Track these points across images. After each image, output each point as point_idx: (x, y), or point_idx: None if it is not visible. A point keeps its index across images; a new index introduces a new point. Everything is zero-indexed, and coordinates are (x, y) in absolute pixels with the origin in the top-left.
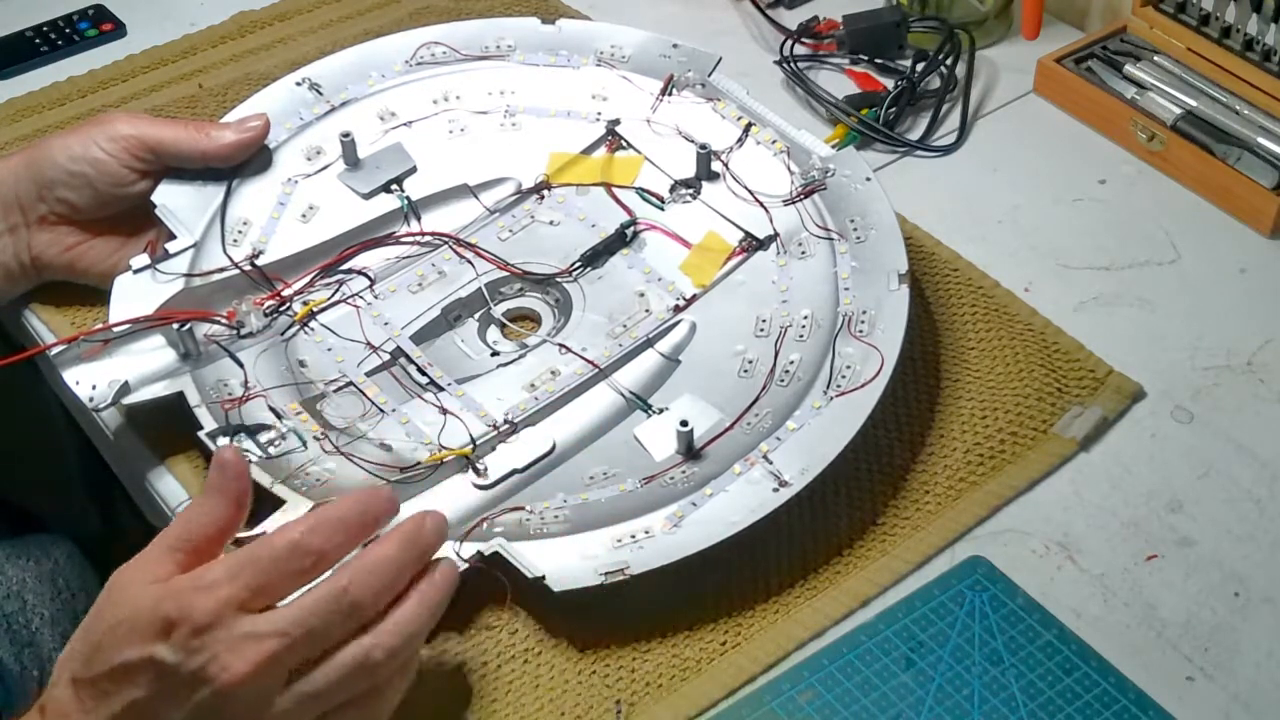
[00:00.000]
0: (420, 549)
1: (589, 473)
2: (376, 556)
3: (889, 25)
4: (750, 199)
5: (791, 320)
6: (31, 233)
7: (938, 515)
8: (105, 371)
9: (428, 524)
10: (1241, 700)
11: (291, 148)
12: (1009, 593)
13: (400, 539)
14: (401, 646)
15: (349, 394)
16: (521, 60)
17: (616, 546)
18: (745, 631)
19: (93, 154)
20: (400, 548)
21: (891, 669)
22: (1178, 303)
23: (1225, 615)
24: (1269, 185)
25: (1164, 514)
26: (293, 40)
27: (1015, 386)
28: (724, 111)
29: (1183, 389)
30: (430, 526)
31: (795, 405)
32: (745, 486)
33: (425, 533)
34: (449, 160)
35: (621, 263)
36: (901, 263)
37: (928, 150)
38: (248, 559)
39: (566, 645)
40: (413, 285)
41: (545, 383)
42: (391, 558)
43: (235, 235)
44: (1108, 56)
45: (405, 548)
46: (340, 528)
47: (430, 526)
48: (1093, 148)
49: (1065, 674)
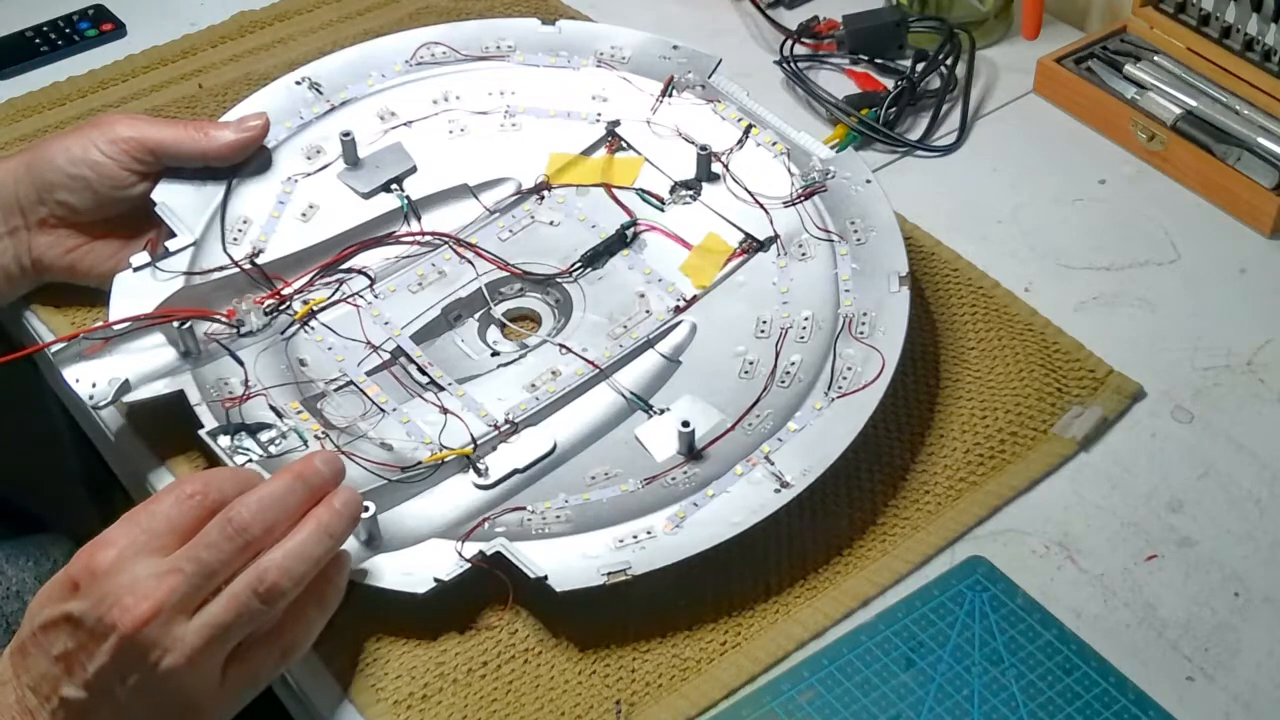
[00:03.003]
0: (308, 480)
1: (590, 473)
2: (263, 490)
3: (889, 25)
4: (750, 200)
5: (792, 321)
6: (32, 235)
7: (938, 515)
8: (105, 369)
9: (317, 460)
10: (1241, 700)
11: (291, 147)
12: (1009, 593)
13: (288, 473)
14: (296, 568)
15: (349, 393)
16: (521, 61)
17: (618, 547)
18: (745, 631)
19: (92, 156)
20: (287, 480)
21: (891, 669)
22: (1178, 303)
23: (1225, 615)
24: (1269, 185)
25: (1164, 514)
26: (293, 40)
27: (1015, 386)
28: (724, 113)
29: (1183, 389)
30: (320, 461)
31: (796, 406)
32: (747, 487)
33: (314, 466)
34: (449, 160)
35: (622, 263)
36: (902, 265)
37: (928, 150)
38: (139, 513)
39: (567, 645)
40: (413, 285)
41: (546, 383)
42: (277, 489)
43: (235, 234)
44: (1108, 56)
45: (293, 480)
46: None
47: (320, 461)
48: (1093, 148)
49: (1065, 674)
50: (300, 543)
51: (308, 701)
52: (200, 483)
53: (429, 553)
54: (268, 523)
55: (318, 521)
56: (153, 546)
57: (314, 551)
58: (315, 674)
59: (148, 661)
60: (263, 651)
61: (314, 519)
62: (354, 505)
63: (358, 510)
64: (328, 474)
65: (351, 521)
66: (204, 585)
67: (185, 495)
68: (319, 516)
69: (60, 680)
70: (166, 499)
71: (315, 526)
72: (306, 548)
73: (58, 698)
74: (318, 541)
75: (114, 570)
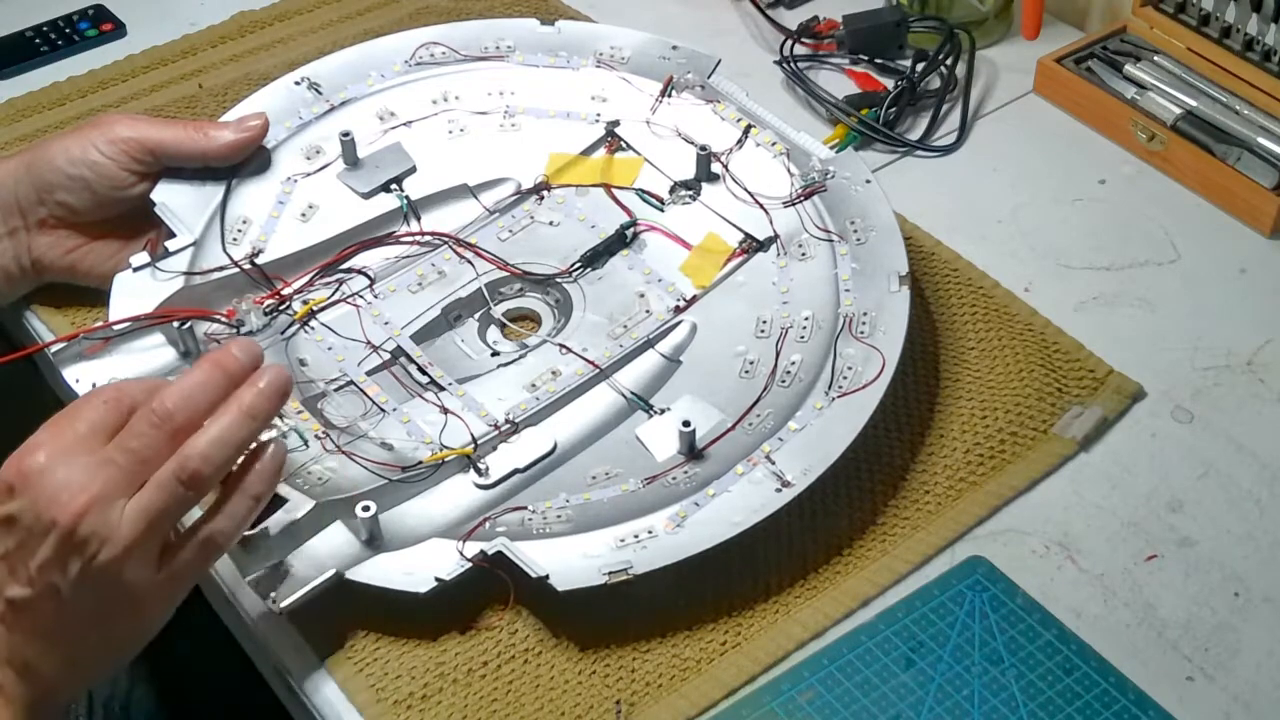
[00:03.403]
0: (226, 367)
1: (591, 473)
2: (183, 380)
3: (889, 25)
4: (750, 200)
5: (792, 321)
6: (31, 236)
7: (938, 515)
8: (105, 369)
9: (233, 347)
10: (1241, 700)
11: (291, 147)
12: (1009, 593)
13: (205, 361)
14: (217, 454)
15: (350, 393)
16: (521, 61)
17: (619, 546)
18: (745, 631)
19: (91, 157)
20: (205, 368)
21: (891, 669)
22: (1178, 303)
23: (1225, 615)
24: (1269, 185)
25: (1164, 514)
26: (293, 40)
27: (1015, 386)
28: (723, 113)
29: (1183, 389)
30: (236, 349)
31: (797, 406)
32: (748, 487)
33: (229, 354)
34: (448, 160)
35: (621, 263)
36: (902, 264)
37: (928, 150)
38: (60, 419)
39: (567, 645)
40: (413, 285)
41: (546, 383)
42: (196, 377)
43: (235, 234)
44: (1108, 56)
45: (210, 367)
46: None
47: (236, 349)
48: (1093, 148)
49: (1065, 674)
50: (222, 427)
51: (308, 701)
52: (113, 389)
53: (430, 552)
54: (191, 409)
55: (239, 404)
56: (81, 447)
57: (236, 435)
58: (315, 674)
59: (87, 553)
60: (194, 542)
61: (235, 401)
62: (277, 383)
63: (283, 387)
64: (245, 359)
65: (276, 399)
66: (136, 474)
67: (101, 400)
68: (240, 399)
69: (2, 580)
70: (85, 404)
71: (236, 410)
72: (228, 432)
73: (2, 599)
74: (240, 424)
75: (47, 470)
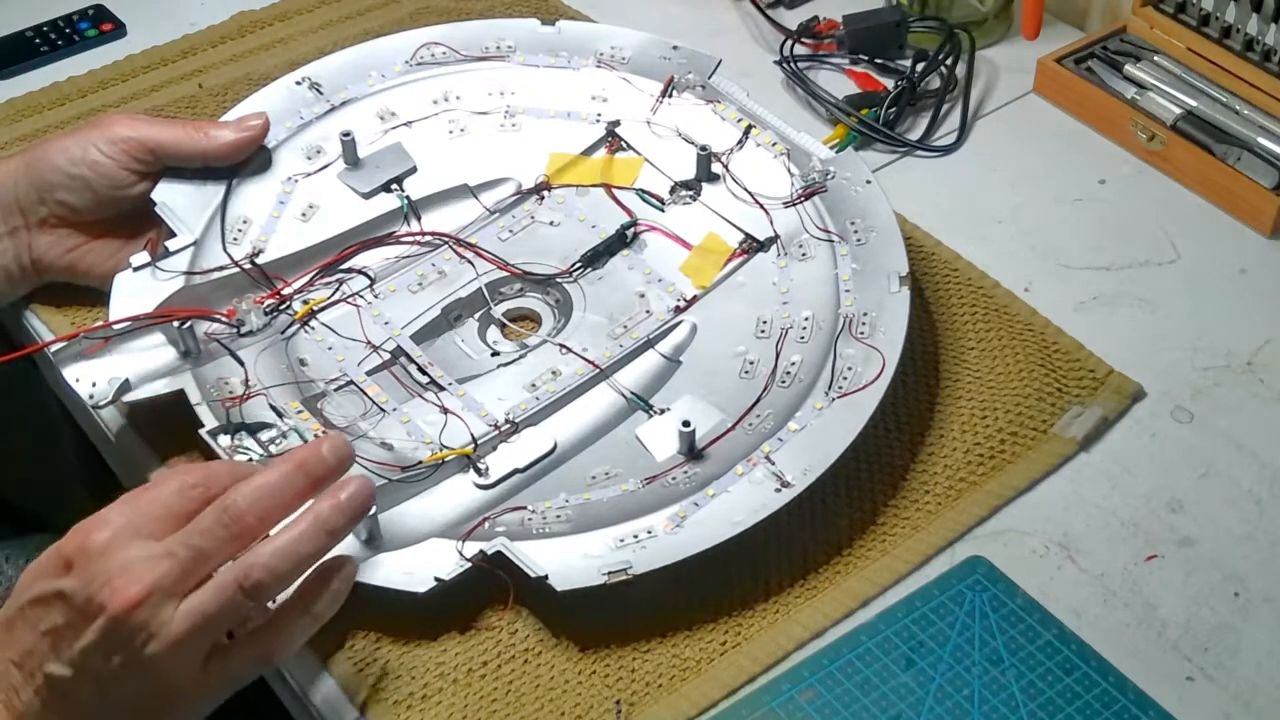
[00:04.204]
0: (309, 470)
1: (591, 472)
2: (261, 478)
3: (889, 25)
4: (750, 201)
5: (792, 322)
6: (32, 235)
7: (938, 515)
8: (105, 369)
9: (324, 448)
10: (1241, 700)
11: (291, 147)
12: (1009, 593)
13: (289, 461)
14: (282, 566)
15: (350, 393)
16: (521, 61)
17: (619, 546)
18: (745, 631)
19: (91, 157)
20: (288, 469)
21: (891, 669)
22: (1178, 303)
23: (1225, 615)
24: (1269, 185)
25: (1164, 514)
26: (293, 40)
27: (1015, 386)
28: (724, 113)
29: (1183, 389)
30: (326, 450)
31: (797, 406)
32: (748, 487)
33: (318, 454)
34: (449, 160)
35: (622, 264)
36: (902, 265)
37: (928, 150)
38: (138, 496)
39: (567, 645)
40: (413, 285)
41: (546, 383)
42: (275, 479)
43: (235, 234)
44: (1108, 56)
45: (293, 470)
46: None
47: (326, 450)
48: (1093, 148)
49: (1065, 674)
50: (292, 539)
51: (308, 701)
52: (202, 474)
53: (430, 552)
54: (263, 512)
55: (315, 517)
56: (148, 530)
57: (304, 549)
58: (315, 674)
59: (133, 644)
60: (245, 651)
61: (312, 515)
62: (359, 499)
63: (365, 504)
64: (333, 462)
65: (354, 516)
66: (195, 571)
67: (188, 485)
68: (319, 511)
69: (45, 656)
70: (168, 486)
71: (310, 522)
72: (297, 545)
73: (42, 674)
74: (310, 539)
75: (108, 550)
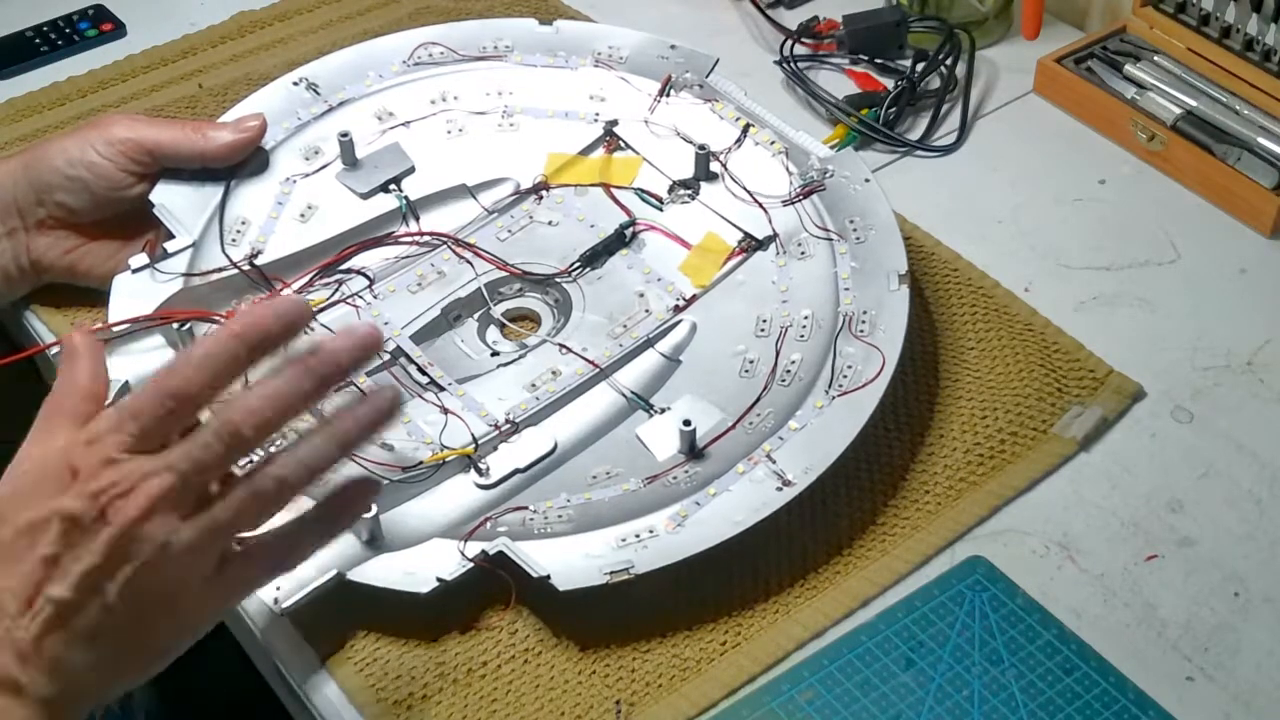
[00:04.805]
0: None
1: (591, 472)
2: (262, 389)
3: (889, 25)
4: (749, 200)
5: (792, 320)
6: (30, 236)
7: (938, 515)
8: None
9: (327, 346)
10: (1241, 700)
11: (289, 147)
12: (1009, 593)
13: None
14: (296, 476)
15: (350, 393)
16: (519, 61)
17: (620, 546)
18: (745, 631)
19: (90, 158)
20: (290, 378)
21: (891, 669)
22: (1178, 303)
23: (1225, 615)
24: (1269, 185)
25: (1164, 514)
26: (292, 40)
27: (1015, 386)
28: (722, 112)
29: (1183, 389)
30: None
31: (797, 405)
32: (748, 486)
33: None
34: (447, 160)
35: (621, 263)
36: (901, 263)
37: (928, 150)
38: (126, 407)
39: (567, 645)
40: (412, 285)
41: (546, 382)
42: (276, 390)
43: (234, 235)
44: (1108, 56)
45: (295, 378)
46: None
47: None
48: (1093, 148)
49: (1065, 674)
50: (303, 454)
51: (308, 701)
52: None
53: (431, 552)
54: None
55: (329, 432)
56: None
57: (314, 463)
58: (315, 674)
59: (140, 559)
60: (257, 558)
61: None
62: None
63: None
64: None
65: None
66: (200, 485)
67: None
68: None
69: (44, 582)
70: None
71: (325, 436)
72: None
73: (43, 598)
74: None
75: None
